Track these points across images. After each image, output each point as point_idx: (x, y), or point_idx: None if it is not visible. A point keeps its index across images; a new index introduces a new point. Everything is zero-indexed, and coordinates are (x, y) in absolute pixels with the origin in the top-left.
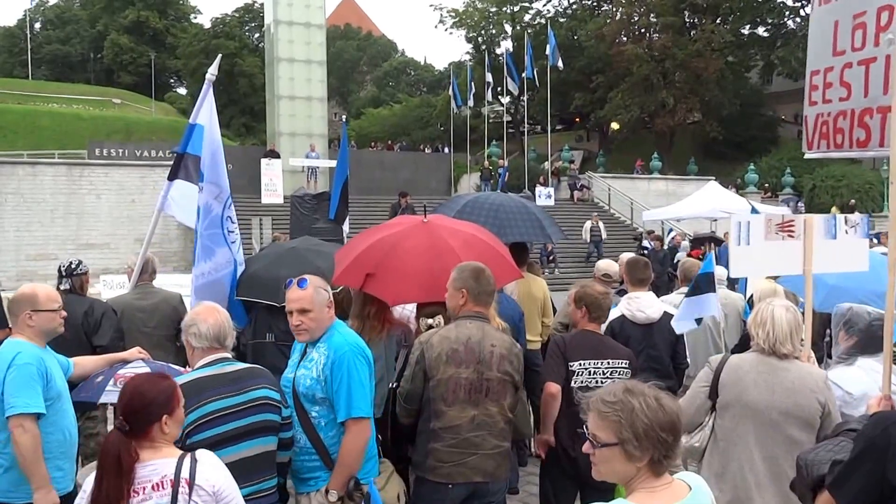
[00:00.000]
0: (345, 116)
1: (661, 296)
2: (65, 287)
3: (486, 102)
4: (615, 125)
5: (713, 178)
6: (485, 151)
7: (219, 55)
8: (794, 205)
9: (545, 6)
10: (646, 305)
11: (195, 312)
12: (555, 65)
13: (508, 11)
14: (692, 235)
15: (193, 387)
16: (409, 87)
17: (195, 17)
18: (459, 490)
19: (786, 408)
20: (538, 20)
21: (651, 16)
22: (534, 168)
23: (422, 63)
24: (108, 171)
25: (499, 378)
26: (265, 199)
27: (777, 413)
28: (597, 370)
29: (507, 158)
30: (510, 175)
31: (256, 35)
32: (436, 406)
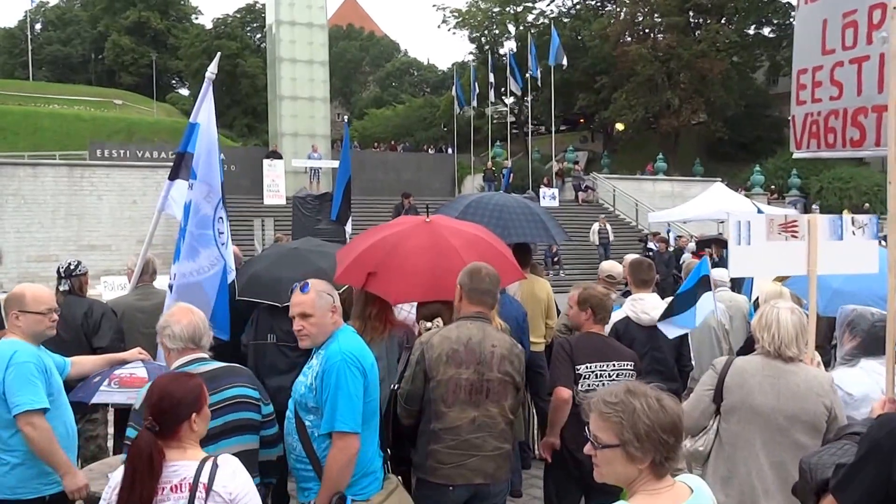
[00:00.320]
0: (347, 117)
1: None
2: (64, 288)
3: (490, 103)
4: (620, 126)
5: (719, 180)
6: (488, 152)
7: (218, 54)
8: (803, 206)
9: (548, 6)
10: (650, 307)
11: (169, 314)
12: (559, 63)
13: (511, 11)
14: (697, 237)
15: None
16: (413, 88)
17: (196, 18)
18: (460, 492)
19: (792, 412)
20: (541, 20)
21: (655, 16)
22: (538, 169)
23: (425, 63)
24: (110, 173)
25: (499, 379)
26: (267, 200)
27: (783, 418)
28: (602, 373)
29: (511, 159)
30: (514, 176)
31: (258, 35)
32: (436, 407)
